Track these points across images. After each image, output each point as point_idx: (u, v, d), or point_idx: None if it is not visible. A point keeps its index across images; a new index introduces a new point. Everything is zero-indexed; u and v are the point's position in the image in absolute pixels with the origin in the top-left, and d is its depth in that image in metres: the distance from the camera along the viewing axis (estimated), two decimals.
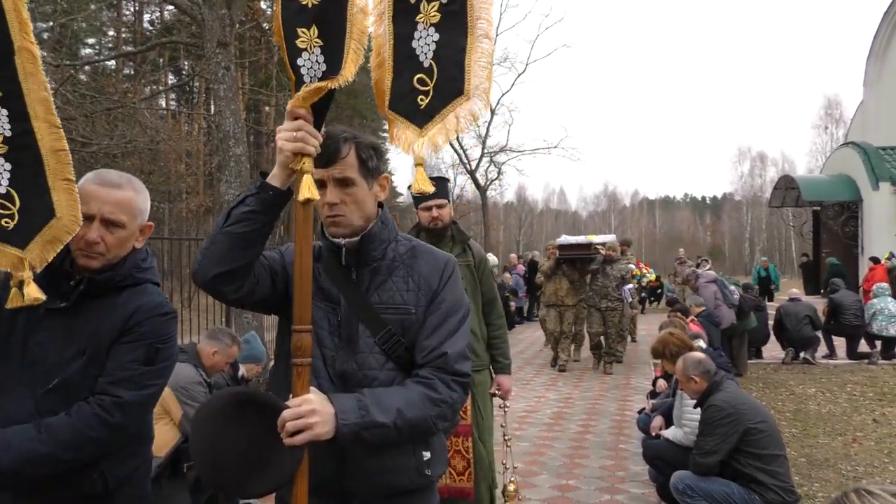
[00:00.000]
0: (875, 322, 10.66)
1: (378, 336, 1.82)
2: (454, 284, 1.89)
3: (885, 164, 16.22)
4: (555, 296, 10.53)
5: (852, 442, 6.19)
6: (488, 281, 3.86)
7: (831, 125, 54.52)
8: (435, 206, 3.69)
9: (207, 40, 7.28)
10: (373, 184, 1.87)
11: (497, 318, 3.89)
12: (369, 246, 1.85)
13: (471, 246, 3.83)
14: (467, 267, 3.66)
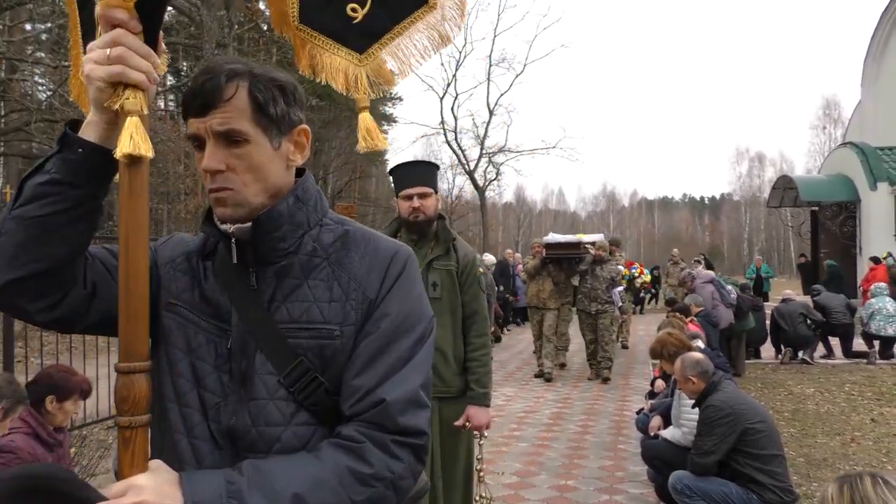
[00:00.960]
0: (873, 322, 10.68)
1: (284, 373, 1.20)
2: (405, 290, 1.27)
3: (882, 165, 16.25)
4: (536, 297, 9.91)
5: (851, 441, 6.20)
6: (473, 290, 3.19)
7: (829, 125, 54.67)
8: (417, 194, 3.12)
9: (206, 41, 7.30)
10: (280, 140, 1.23)
11: (477, 336, 3.18)
12: (271, 235, 1.23)
13: (456, 247, 3.21)
14: (448, 272, 3.11)
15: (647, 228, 74.02)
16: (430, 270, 3.05)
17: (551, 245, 9.97)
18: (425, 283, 2.86)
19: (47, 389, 3.27)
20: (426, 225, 3.17)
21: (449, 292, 3.10)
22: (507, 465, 5.56)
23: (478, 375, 3.15)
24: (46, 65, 14.37)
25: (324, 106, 36.32)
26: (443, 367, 3.07)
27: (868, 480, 1.82)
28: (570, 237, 10.49)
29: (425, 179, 3.18)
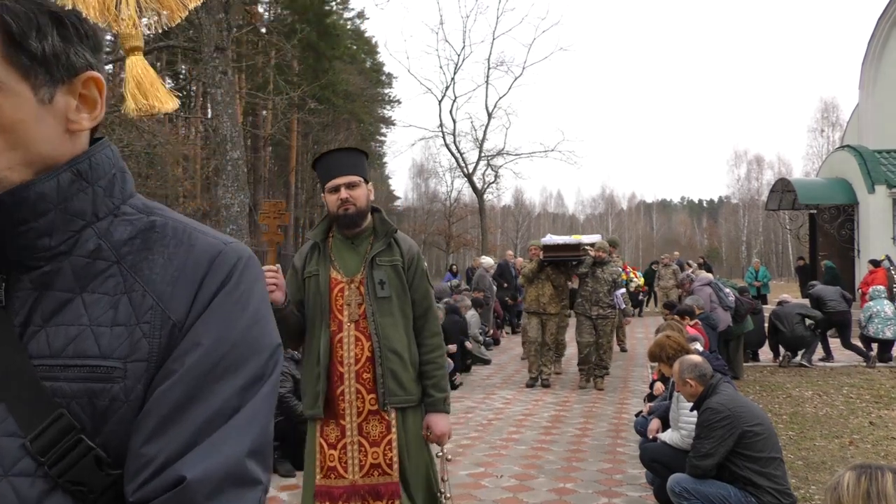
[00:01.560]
0: (871, 325, 10.70)
1: (34, 433, 0.78)
2: (228, 309, 0.85)
3: (880, 168, 16.27)
4: (536, 302, 9.39)
5: (849, 444, 6.20)
6: (422, 286, 2.89)
7: (828, 128, 54.73)
8: (343, 184, 2.77)
9: (205, 44, 7.30)
10: (52, 91, 0.85)
11: (431, 336, 2.88)
12: (27, 226, 0.82)
13: (398, 240, 2.90)
14: (393, 268, 2.82)
15: (646, 231, 74.10)
16: (375, 268, 2.79)
17: (549, 247, 9.42)
18: (370, 282, 2.75)
19: None
20: (358, 218, 2.81)
21: (398, 290, 2.81)
22: (506, 468, 5.55)
23: (435, 379, 2.84)
24: None
25: (322, 109, 36.39)
26: (402, 373, 2.76)
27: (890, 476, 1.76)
28: (568, 238, 9.91)
29: (352, 167, 2.83)
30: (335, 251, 2.86)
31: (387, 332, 2.74)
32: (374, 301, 2.74)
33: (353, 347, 2.74)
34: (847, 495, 1.80)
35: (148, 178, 20.88)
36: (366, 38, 46.39)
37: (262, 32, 25.42)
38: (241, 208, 7.41)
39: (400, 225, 33.92)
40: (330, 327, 2.76)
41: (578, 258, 9.19)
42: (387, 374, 2.72)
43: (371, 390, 2.73)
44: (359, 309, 2.75)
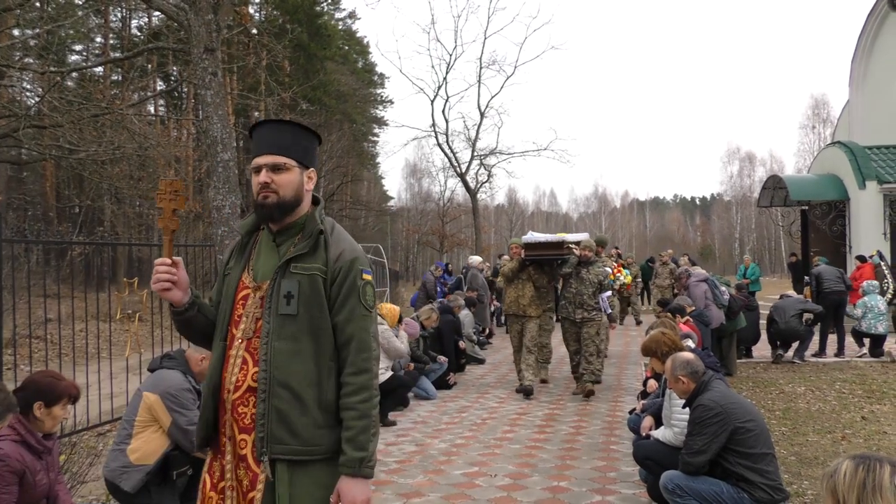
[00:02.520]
0: (864, 321, 10.79)
1: None
2: None
3: (871, 163, 16.35)
4: (516, 304, 8.70)
5: (841, 440, 6.23)
6: (351, 306, 2.19)
7: (819, 125, 55.00)
8: (266, 165, 2.21)
9: (194, 46, 7.27)
10: None
11: (355, 373, 2.16)
12: None
13: (327, 243, 2.24)
14: (310, 278, 2.17)
15: (639, 229, 74.31)
16: (286, 276, 2.18)
17: (531, 245, 8.67)
18: (275, 293, 2.17)
19: (35, 395, 3.25)
20: (277, 210, 2.21)
21: (310, 307, 2.16)
22: (500, 467, 5.56)
23: (353, 431, 2.12)
24: (34, 71, 14.33)
25: (314, 110, 36.33)
26: (296, 416, 2.10)
27: (888, 468, 1.76)
28: (551, 236, 9.14)
29: (283, 147, 2.24)
30: (259, 248, 2.32)
31: (282, 359, 2.11)
32: (275, 318, 2.15)
33: (236, 371, 2.17)
34: (843, 484, 1.81)
35: (140, 181, 20.78)
36: (357, 38, 46.37)
37: (253, 33, 25.34)
38: (232, 210, 7.39)
39: (393, 225, 34.02)
40: (225, 341, 2.24)
41: (562, 257, 8.57)
42: (271, 413, 2.09)
43: (245, 429, 2.14)
44: (255, 324, 2.18)
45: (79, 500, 4.36)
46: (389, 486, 5.13)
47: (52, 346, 11.82)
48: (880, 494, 1.75)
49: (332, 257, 2.22)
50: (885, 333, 10.87)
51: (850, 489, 1.79)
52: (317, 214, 2.29)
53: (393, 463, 5.75)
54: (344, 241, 2.29)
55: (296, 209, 2.26)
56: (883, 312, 10.80)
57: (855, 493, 1.78)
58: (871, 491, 1.76)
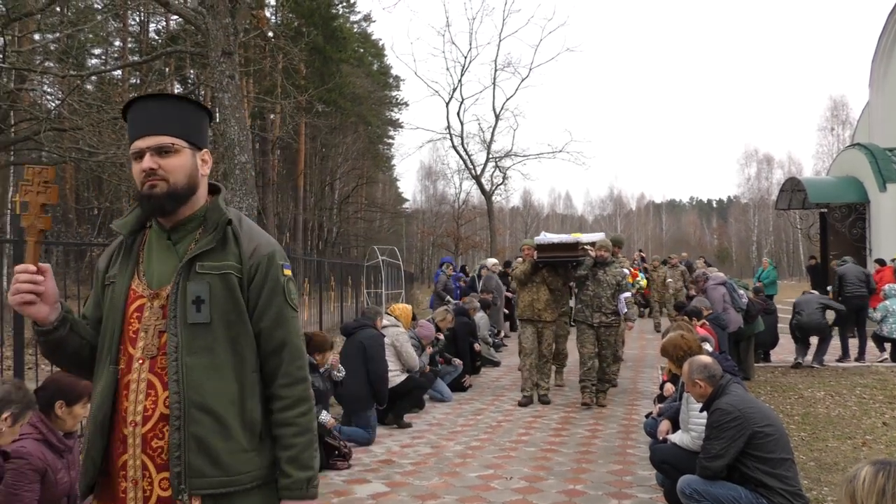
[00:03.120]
0: (885, 325, 10.66)
1: None
2: None
3: (892, 165, 16.15)
4: (530, 308, 8.32)
5: (862, 445, 6.15)
6: (276, 307, 1.90)
7: (837, 127, 54.43)
8: (150, 149, 1.84)
9: (212, 49, 7.33)
10: None
11: (290, 384, 1.89)
12: None
13: (238, 236, 1.91)
14: (223, 278, 1.85)
15: (655, 232, 73.94)
16: (192, 277, 1.84)
17: (543, 247, 8.28)
18: (180, 300, 1.81)
19: (56, 394, 3.29)
20: (170, 201, 1.85)
21: (225, 312, 1.84)
22: (516, 470, 5.54)
23: (294, 450, 1.86)
24: (55, 74, 14.50)
25: (330, 112, 36.50)
26: (218, 442, 1.79)
27: None
28: (565, 237, 8.70)
29: (167, 124, 1.87)
30: (148, 249, 1.93)
31: (197, 377, 1.78)
32: (183, 329, 1.80)
33: (142, 398, 1.79)
34: (862, 490, 1.78)
35: None
36: (372, 41, 46.53)
37: (270, 37, 25.49)
38: (249, 212, 7.43)
39: (408, 227, 34.07)
40: (117, 364, 1.84)
41: (577, 259, 8.18)
42: (189, 443, 1.76)
43: (163, 466, 1.78)
44: (158, 340, 1.82)
45: None
46: (405, 487, 5.13)
47: None
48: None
49: (245, 252, 1.89)
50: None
51: (868, 495, 1.77)
52: (220, 203, 1.95)
53: (408, 465, 5.75)
54: (257, 233, 1.97)
55: (191, 198, 1.90)
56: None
57: (874, 498, 1.75)
58: (890, 497, 1.74)
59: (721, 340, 8.18)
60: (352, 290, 17.88)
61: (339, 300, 15.96)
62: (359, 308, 16.58)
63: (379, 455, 6.10)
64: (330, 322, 14.38)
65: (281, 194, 39.00)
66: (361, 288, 19.15)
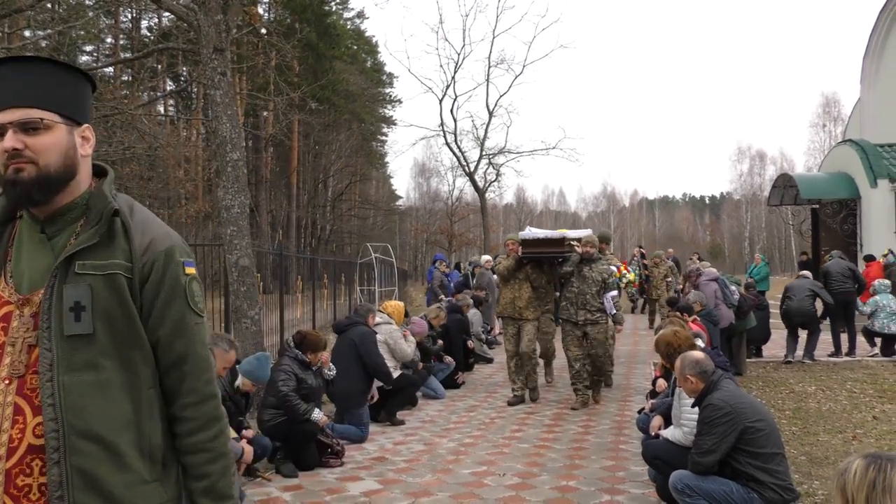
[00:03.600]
0: (876, 319, 10.70)
1: None
2: None
3: (882, 162, 16.23)
4: (511, 306, 8.00)
5: (852, 439, 6.19)
6: (177, 311, 1.61)
7: (829, 123, 54.62)
8: (13, 124, 1.51)
9: (204, 46, 7.29)
10: None
11: (200, 401, 1.61)
12: None
13: (128, 227, 1.59)
14: (109, 280, 1.54)
15: (648, 228, 74.11)
16: (70, 279, 1.52)
17: (528, 242, 7.98)
18: (55, 306, 1.50)
19: None
20: (38, 189, 1.53)
21: (112, 320, 1.54)
22: (509, 466, 5.55)
23: (212, 479, 1.61)
24: None
25: (323, 109, 36.42)
26: (110, 475, 1.49)
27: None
28: (551, 232, 8.39)
29: (36, 94, 1.54)
30: (18, 245, 1.60)
31: (78, 399, 1.48)
32: (59, 342, 1.49)
33: (7, 426, 1.47)
34: (853, 482, 1.81)
35: (149, 181, 20.91)
36: (366, 37, 46.43)
37: (262, 33, 25.40)
38: (241, 209, 7.41)
39: (402, 224, 34.12)
40: None
41: (562, 255, 7.90)
42: (73, 478, 1.46)
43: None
44: (27, 356, 1.50)
45: None
46: (398, 485, 5.13)
47: None
48: (889, 495, 1.75)
49: (137, 248, 1.57)
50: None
51: (859, 488, 1.79)
52: (106, 189, 1.61)
53: (401, 462, 5.76)
54: (152, 224, 1.63)
55: (68, 184, 1.57)
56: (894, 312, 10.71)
57: (864, 492, 1.78)
58: (880, 490, 1.76)
59: (713, 336, 8.21)
60: (345, 287, 17.87)
61: (332, 298, 15.95)
62: (352, 305, 16.58)
63: (372, 452, 6.10)
64: (323, 320, 14.37)
65: (274, 192, 38.92)
66: (354, 285, 19.14)
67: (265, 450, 5.24)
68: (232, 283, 7.36)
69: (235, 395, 5.08)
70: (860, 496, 1.78)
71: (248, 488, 5.04)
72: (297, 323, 12.62)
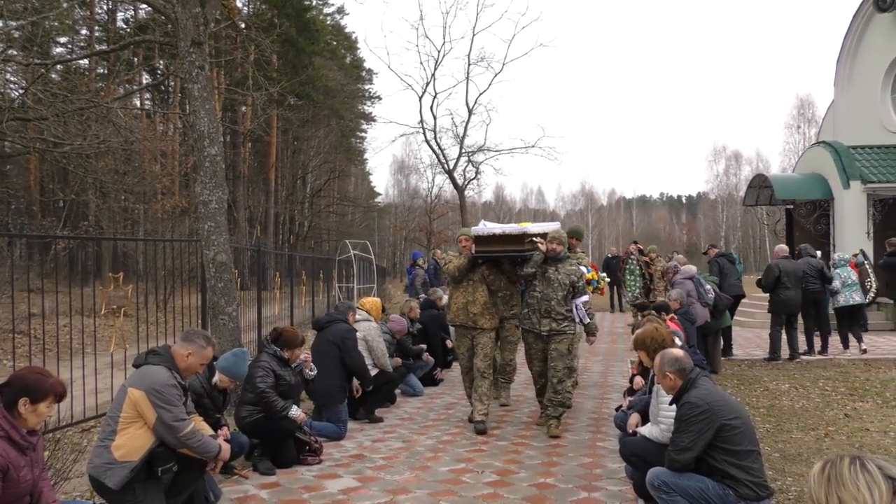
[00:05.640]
0: (841, 295, 11.12)
1: None
2: None
3: (855, 163, 16.48)
4: (464, 312, 6.80)
5: (824, 436, 6.29)
6: None
7: (804, 125, 55.47)
8: None
9: (181, 39, 7.20)
10: None
11: None
12: None
13: None
14: None
15: (626, 227, 74.62)
16: None
17: (483, 238, 6.77)
18: None
19: (21, 392, 3.22)
20: None
21: None
22: (487, 464, 5.56)
23: None
24: (18, 62, 14.15)
25: (302, 105, 36.19)
26: None
27: (846, 461, 1.91)
28: (510, 227, 7.06)
29: None
30: None
31: None
32: None
33: None
34: (814, 485, 1.93)
35: (125, 175, 20.63)
36: (346, 33, 46.21)
37: (241, 27, 25.16)
38: (219, 205, 7.33)
39: (381, 221, 34.11)
40: None
41: (523, 254, 6.68)
42: None
43: None
44: None
45: (62, 496, 4.31)
46: (376, 482, 5.12)
47: (35, 341, 11.71)
48: (842, 485, 1.86)
49: None
50: (862, 302, 11.31)
51: (819, 488, 1.91)
52: None
53: (379, 459, 5.74)
54: None
55: None
56: (855, 281, 11.27)
57: (823, 489, 1.89)
58: (834, 484, 1.87)
59: (689, 335, 8.28)
60: (323, 284, 17.78)
61: (310, 294, 15.87)
62: (330, 302, 16.50)
63: (350, 450, 6.08)
64: (301, 316, 14.29)
65: (252, 187, 38.60)
66: (333, 282, 19.05)
67: (242, 447, 5.20)
68: (209, 279, 7.28)
69: (213, 392, 5.04)
70: (821, 495, 1.89)
71: (225, 486, 5.00)
72: (274, 320, 12.53)
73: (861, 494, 1.81)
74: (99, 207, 25.06)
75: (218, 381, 5.08)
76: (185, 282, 13.46)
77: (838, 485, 1.86)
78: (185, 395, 4.12)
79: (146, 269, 10.40)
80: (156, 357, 4.12)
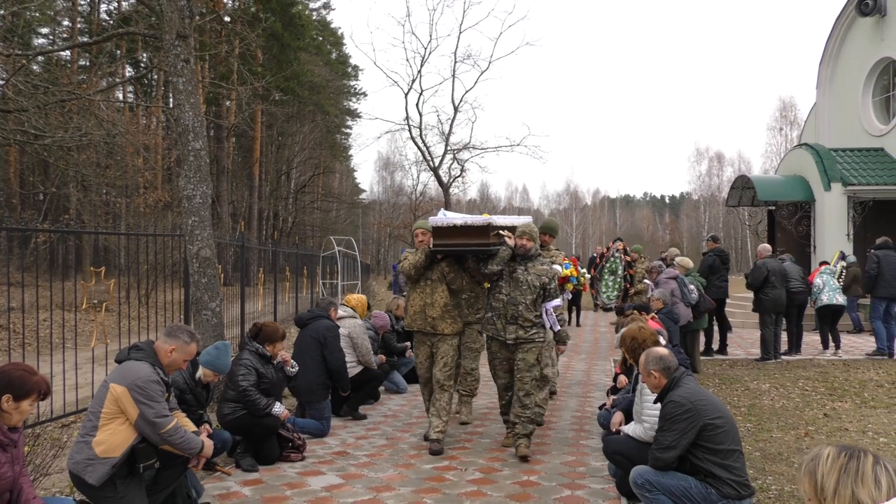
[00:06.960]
0: (824, 294, 11.33)
1: None
2: None
3: (836, 166, 16.67)
4: (422, 315, 6.02)
5: (804, 436, 6.35)
6: None
7: (786, 127, 56.05)
8: None
9: (166, 32, 7.13)
10: None
11: None
12: None
13: None
14: None
15: (609, 226, 75.00)
16: None
17: (441, 230, 5.89)
18: None
19: (4, 388, 3.17)
20: None
21: None
22: (471, 461, 5.57)
23: None
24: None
25: (287, 100, 35.97)
26: None
27: (871, 458, 1.84)
28: (472, 217, 5.96)
29: None
30: None
31: None
32: None
33: None
34: (824, 466, 1.85)
35: (107, 168, 20.41)
36: (331, 29, 46.01)
37: (226, 21, 24.97)
38: (203, 200, 7.27)
39: (365, 218, 34.09)
40: None
41: (488, 249, 5.81)
42: None
43: None
44: None
45: (42, 492, 4.26)
46: (360, 479, 5.11)
47: (15, 335, 11.56)
48: (861, 481, 1.80)
49: None
50: (844, 304, 11.56)
51: (830, 472, 1.83)
52: None
53: (363, 457, 5.73)
54: None
55: None
56: (837, 286, 11.55)
57: (835, 475, 1.82)
58: (853, 476, 1.81)
59: (672, 334, 8.34)
60: (307, 280, 17.71)
61: (294, 290, 15.79)
62: (314, 299, 16.44)
63: (333, 447, 6.06)
64: (284, 312, 14.22)
65: (236, 182, 38.34)
66: (317, 278, 18.98)
67: (225, 444, 5.16)
68: (193, 274, 7.22)
69: (196, 387, 5.00)
70: (830, 480, 1.82)
71: (207, 482, 4.97)
72: (257, 315, 12.47)
73: (880, 494, 1.77)
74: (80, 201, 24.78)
75: (201, 376, 5.04)
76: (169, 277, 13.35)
77: (856, 479, 1.80)
78: (167, 391, 4.08)
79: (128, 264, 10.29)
80: (138, 352, 4.08)
